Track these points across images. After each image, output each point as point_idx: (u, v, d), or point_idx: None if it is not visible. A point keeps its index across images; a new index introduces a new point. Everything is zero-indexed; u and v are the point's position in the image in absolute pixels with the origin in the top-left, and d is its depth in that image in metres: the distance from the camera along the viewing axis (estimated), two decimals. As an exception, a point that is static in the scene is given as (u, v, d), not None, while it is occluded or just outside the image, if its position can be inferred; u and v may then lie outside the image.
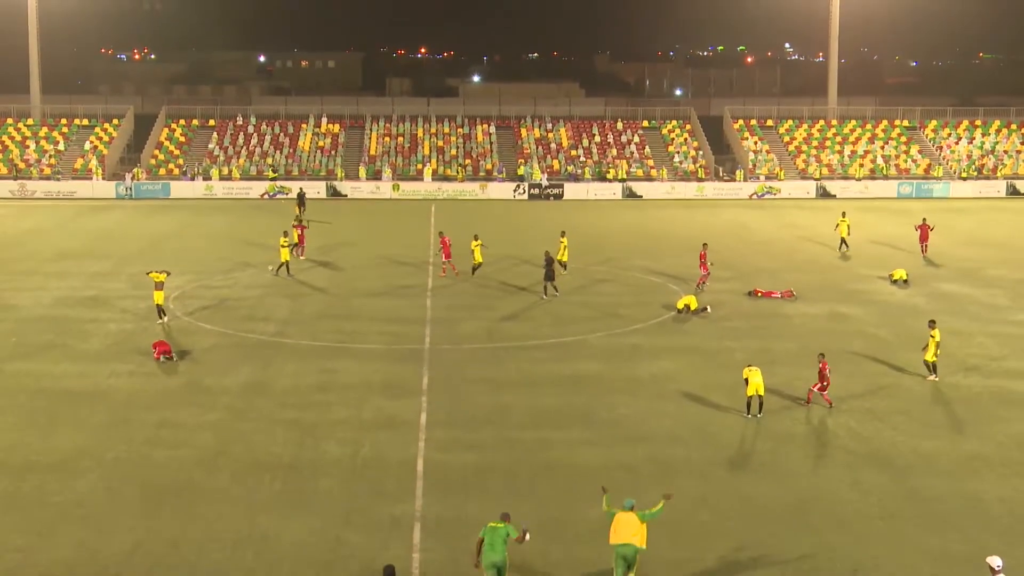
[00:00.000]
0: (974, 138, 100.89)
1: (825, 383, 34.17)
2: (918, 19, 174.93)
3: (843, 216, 64.41)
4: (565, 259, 55.30)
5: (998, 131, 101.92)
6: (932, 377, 37.51)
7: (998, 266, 59.40)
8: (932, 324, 37.89)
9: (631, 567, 22.29)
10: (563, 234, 56.94)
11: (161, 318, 45.01)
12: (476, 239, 55.61)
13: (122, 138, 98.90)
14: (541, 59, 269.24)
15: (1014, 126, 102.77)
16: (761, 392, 33.37)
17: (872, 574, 23.68)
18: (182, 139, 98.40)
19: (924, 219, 62.38)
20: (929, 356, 37.51)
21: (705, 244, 53.92)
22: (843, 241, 63.28)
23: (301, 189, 64.94)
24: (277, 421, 33.27)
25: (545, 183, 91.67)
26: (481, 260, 55.16)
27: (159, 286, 44.76)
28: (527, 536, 22.24)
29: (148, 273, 46.13)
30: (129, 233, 70.61)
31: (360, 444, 31.24)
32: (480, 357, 40.65)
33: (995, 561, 20.82)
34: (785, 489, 27.89)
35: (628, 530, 22.33)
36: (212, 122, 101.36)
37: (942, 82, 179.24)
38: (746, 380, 33.54)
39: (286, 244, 56.04)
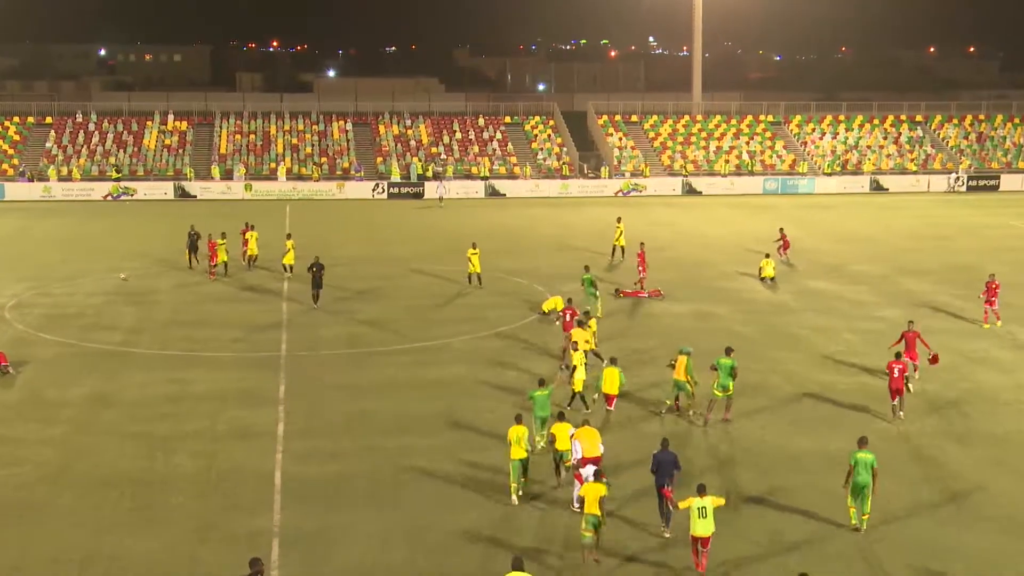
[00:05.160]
0: (838, 133, 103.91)
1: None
2: (781, 13, 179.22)
3: (618, 222, 61.77)
4: (478, 270, 53.40)
5: (861, 126, 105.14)
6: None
7: (862, 262, 61.35)
8: (587, 315, 40.91)
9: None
10: (474, 245, 54.69)
11: None
12: (474, 247, 53.80)
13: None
14: (399, 53, 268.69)
15: (876, 121, 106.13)
16: (579, 389, 34.70)
17: (738, 567, 24.37)
18: (16, 137, 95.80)
19: (781, 229, 62.92)
20: (590, 346, 38.84)
21: (642, 243, 54.54)
22: (616, 248, 60.64)
23: (192, 228, 60.65)
24: (125, 435, 32.73)
25: (415, 180, 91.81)
26: (479, 269, 53.21)
27: None
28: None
29: None
30: (-40, 238, 68.62)
31: (214, 457, 30.94)
32: (340, 363, 40.55)
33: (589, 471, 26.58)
34: (647, 488, 28.42)
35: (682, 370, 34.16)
36: (49, 119, 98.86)
37: (805, 77, 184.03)
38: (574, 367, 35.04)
39: (223, 244, 56.19)
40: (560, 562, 24.67)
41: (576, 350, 36.20)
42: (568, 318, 41.19)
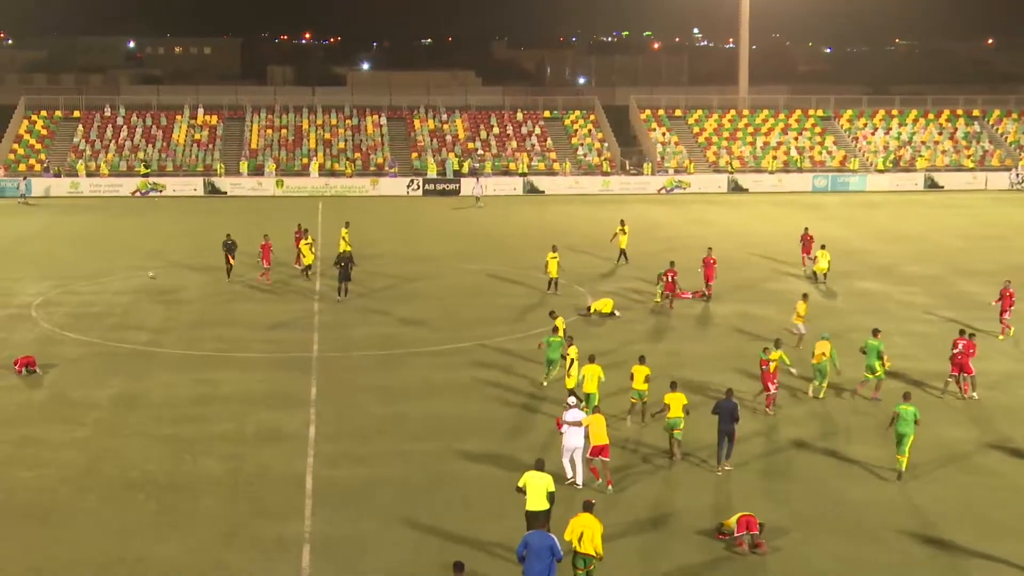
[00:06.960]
0: (890, 128, 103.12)
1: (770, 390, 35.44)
2: (830, 3, 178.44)
3: (622, 225, 60.90)
4: (556, 275, 52.13)
5: (915, 121, 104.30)
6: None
7: (915, 262, 60.89)
8: (552, 314, 40.42)
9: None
10: (346, 224, 57.84)
11: None
12: (554, 250, 52.63)
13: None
14: (434, 45, 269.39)
15: (931, 115, 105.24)
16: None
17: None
18: (44, 132, 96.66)
19: (807, 228, 60.81)
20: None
21: (710, 249, 53.12)
22: (622, 253, 59.99)
23: (228, 237, 59.40)
24: (152, 437, 32.89)
25: (452, 176, 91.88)
26: (556, 274, 52.08)
27: None
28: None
29: None
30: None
31: (243, 460, 31.02)
32: (372, 364, 40.60)
33: (571, 400, 30.21)
34: (697, 498, 28.33)
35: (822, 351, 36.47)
36: (77, 113, 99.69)
37: (855, 70, 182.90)
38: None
39: (309, 243, 55.38)
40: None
41: (571, 344, 36.04)
42: (671, 279, 48.89)
